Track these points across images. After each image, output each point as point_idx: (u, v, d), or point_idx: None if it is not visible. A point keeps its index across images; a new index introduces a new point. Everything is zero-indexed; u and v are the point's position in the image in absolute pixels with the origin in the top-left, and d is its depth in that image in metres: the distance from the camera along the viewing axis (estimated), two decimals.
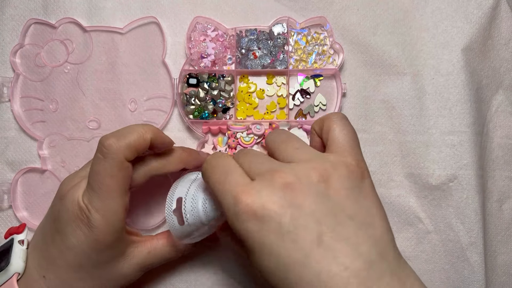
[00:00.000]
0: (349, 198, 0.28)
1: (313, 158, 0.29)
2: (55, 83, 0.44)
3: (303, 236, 0.26)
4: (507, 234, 0.45)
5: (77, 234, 0.32)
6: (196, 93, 0.43)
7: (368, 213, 0.28)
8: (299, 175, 0.28)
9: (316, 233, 0.26)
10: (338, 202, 0.27)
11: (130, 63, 0.45)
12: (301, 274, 0.25)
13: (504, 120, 0.45)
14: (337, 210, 0.27)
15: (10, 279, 0.33)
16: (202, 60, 0.44)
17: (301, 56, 0.44)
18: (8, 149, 0.44)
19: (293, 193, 0.27)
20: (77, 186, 0.34)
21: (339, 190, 0.28)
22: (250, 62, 0.43)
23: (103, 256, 0.34)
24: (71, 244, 0.33)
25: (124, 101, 0.44)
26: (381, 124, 0.44)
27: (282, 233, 0.26)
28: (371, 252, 0.26)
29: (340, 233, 0.26)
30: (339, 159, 0.29)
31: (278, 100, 0.44)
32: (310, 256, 0.25)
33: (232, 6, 0.45)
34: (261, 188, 0.27)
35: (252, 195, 0.27)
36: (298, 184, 0.27)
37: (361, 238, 0.26)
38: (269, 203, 0.27)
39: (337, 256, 0.25)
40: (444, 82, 0.44)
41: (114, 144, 0.32)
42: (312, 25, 0.45)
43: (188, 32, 0.44)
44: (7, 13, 0.44)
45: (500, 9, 0.45)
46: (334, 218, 0.27)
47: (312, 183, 0.27)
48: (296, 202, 0.27)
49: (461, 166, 0.43)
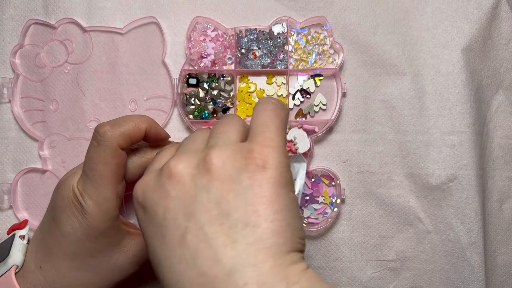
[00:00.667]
0: (233, 191, 0.24)
1: (217, 145, 0.26)
2: (55, 83, 0.44)
3: (171, 231, 0.24)
4: (507, 234, 0.45)
5: (71, 221, 0.33)
6: (196, 93, 0.43)
7: (254, 211, 0.24)
8: (186, 165, 0.25)
9: (182, 230, 0.24)
10: (218, 196, 0.24)
11: (130, 63, 0.45)
12: (164, 275, 0.24)
13: (504, 120, 0.45)
14: (213, 205, 0.24)
15: (8, 271, 0.34)
16: (202, 60, 0.44)
17: (301, 56, 0.44)
18: (9, 150, 0.44)
19: (172, 183, 0.25)
20: (74, 174, 0.34)
21: (223, 183, 0.24)
22: (250, 62, 0.43)
23: (98, 244, 0.34)
24: (66, 232, 0.33)
25: (124, 101, 0.44)
26: (381, 124, 0.44)
27: (155, 225, 0.25)
28: (237, 258, 0.23)
29: (206, 233, 0.23)
30: (242, 146, 0.26)
31: None
32: (173, 255, 0.24)
33: (232, 6, 0.45)
34: (148, 175, 0.27)
35: (141, 181, 0.27)
36: (181, 175, 0.25)
37: (232, 239, 0.23)
38: (148, 191, 0.26)
39: (196, 259, 0.23)
40: (444, 82, 0.44)
41: (109, 132, 0.32)
42: (312, 25, 0.45)
43: (188, 32, 0.44)
44: (7, 13, 0.44)
45: (500, 9, 0.45)
46: (207, 214, 0.24)
47: (195, 173, 0.25)
48: (172, 194, 0.25)
49: (461, 166, 0.43)
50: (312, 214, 0.43)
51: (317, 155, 0.44)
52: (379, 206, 0.44)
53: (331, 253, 0.44)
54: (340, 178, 0.43)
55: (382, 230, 0.44)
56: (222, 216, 0.24)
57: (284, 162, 0.26)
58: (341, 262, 0.44)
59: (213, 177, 0.25)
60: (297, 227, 0.25)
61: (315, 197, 0.43)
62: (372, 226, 0.44)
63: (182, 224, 0.24)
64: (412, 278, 0.43)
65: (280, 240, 0.23)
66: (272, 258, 0.23)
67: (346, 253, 0.44)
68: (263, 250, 0.23)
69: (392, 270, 0.44)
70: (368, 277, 0.44)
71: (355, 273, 0.44)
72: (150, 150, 0.36)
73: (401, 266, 0.44)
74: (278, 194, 0.24)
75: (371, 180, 0.44)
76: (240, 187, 0.24)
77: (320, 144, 0.44)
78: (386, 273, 0.44)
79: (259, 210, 0.24)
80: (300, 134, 0.43)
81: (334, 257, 0.44)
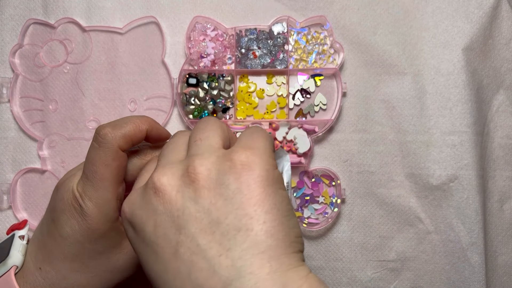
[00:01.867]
0: (221, 197, 0.24)
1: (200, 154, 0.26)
2: (54, 83, 0.44)
3: (163, 247, 0.24)
4: (508, 234, 0.45)
5: (71, 223, 0.32)
6: (195, 93, 0.43)
7: (245, 214, 0.23)
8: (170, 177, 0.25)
9: (174, 245, 0.23)
10: (207, 204, 0.24)
11: (130, 63, 0.44)
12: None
13: (505, 120, 0.45)
14: (202, 214, 0.23)
15: (8, 271, 0.34)
16: (202, 60, 0.43)
17: (301, 56, 0.44)
18: (8, 150, 0.44)
19: (159, 198, 0.25)
20: (73, 176, 0.34)
21: (210, 190, 0.24)
22: (250, 62, 0.43)
23: (98, 246, 0.33)
24: (65, 233, 0.33)
25: (123, 101, 0.44)
26: (381, 124, 0.44)
27: (146, 242, 0.25)
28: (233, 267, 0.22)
29: (199, 244, 0.23)
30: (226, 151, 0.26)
31: (278, 100, 0.44)
32: (168, 270, 0.23)
33: (232, 6, 0.45)
34: (134, 192, 0.27)
35: (127, 200, 0.27)
36: (165, 189, 0.25)
37: (225, 247, 0.23)
38: (135, 209, 0.26)
39: (191, 272, 0.22)
40: (445, 82, 0.44)
41: (110, 133, 0.32)
42: (312, 25, 0.45)
43: (187, 31, 0.43)
44: (6, 13, 0.44)
45: (501, 8, 0.45)
46: (197, 224, 0.23)
47: (179, 185, 0.25)
48: (159, 209, 0.24)
49: (462, 166, 0.43)
50: (312, 214, 0.43)
51: (317, 155, 0.44)
52: (379, 206, 0.44)
53: (332, 253, 0.44)
54: (340, 178, 0.43)
55: (382, 230, 0.44)
56: (213, 224, 0.23)
57: (271, 161, 0.25)
58: (341, 262, 0.44)
59: (200, 186, 0.24)
60: (291, 225, 0.24)
61: (315, 197, 0.43)
62: (372, 226, 0.44)
63: (173, 238, 0.23)
64: (412, 278, 0.43)
65: (274, 241, 0.23)
66: (268, 263, 0.22)
67: (346, 253, 0.44)
68: (259, 256, 0.22)
69: (392, 270, 0.44)
70: (369, 278, 0.44)
71: (355, 273, 0.44)
72: (151, 151, 0.36)
73: (402, 267, 0.44)
74: (267, 193, 0.24)
75: (371, 180, 0.44)
76: (229, 191, 0.24)
77: (320, 144, 0.44)
78: (386, 274, 0.44)
79: (250, 213, 0.23)
80: (300, 134, 0.43)
81: (335, 257, 0.44)
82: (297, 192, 0.43)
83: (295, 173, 0.43)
